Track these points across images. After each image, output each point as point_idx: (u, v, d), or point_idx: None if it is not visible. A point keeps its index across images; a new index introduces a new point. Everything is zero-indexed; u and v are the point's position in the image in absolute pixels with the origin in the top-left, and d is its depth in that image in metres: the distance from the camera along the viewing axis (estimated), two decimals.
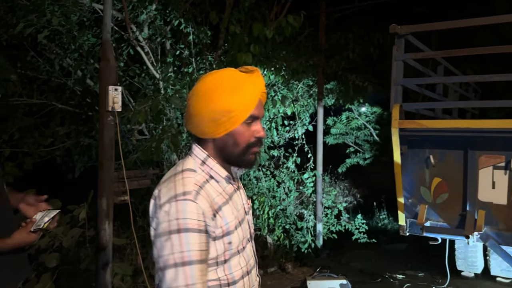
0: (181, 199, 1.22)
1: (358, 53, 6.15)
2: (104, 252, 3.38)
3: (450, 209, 3.45)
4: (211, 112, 1.28)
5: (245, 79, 1.33)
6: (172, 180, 1.29)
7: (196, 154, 1.36)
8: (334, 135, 8.82)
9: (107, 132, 3.37)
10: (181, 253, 1.19)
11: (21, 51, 4.83)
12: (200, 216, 1.23)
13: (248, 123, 1.33)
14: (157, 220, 1.24)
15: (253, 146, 1.35)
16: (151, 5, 4.88)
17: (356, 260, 6.04)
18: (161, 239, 1.21)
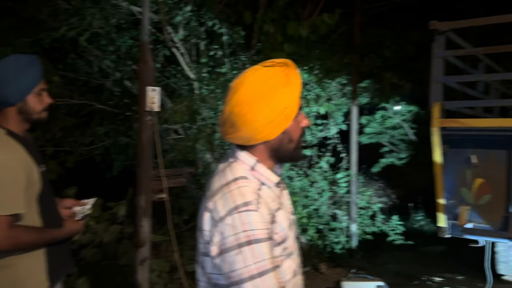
0: (243, 210, 1.18)
1: (394, 50, 6.02)
2: (142, 249, 3.47)
3: (493, 210, 3.32)
4: (268, 115, 1.22)
5: (289, 73, 1.26)
6: (227, 191, 1.23)
7: (244, 160, 1.29)
8: (368, 135, 8.66)
9: (146, 132, 3.45)
10: (255, 264, 1.16)
11: (62, 54, 5.02)
12: (265, 224, 1.20)
13: (296, 116, 1.29)
14: (221, 235, 1.19)
15: (301, 139, 1.32)
16: (186, 7, 4.96)
17: (392, 262, 5.92)
18: (230, 254, 1.18)
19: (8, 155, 1.78)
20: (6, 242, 1.73)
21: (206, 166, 5.21)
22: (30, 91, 1.86)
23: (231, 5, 5.42)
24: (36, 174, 1.87)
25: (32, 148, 1.96)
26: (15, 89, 1.82)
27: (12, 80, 1.81)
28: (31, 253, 1.86)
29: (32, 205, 1.88)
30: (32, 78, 1.86)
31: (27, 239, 1.79)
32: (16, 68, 1.82)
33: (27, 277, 1.85)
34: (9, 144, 1.83)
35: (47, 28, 4.29)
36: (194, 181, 5.11)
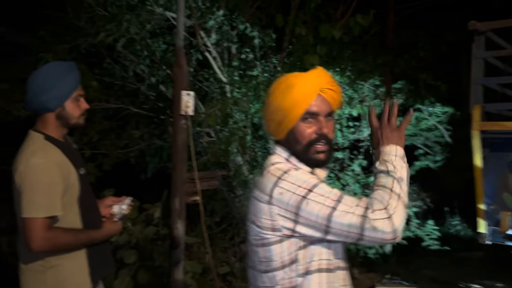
0: (285, 175, 1.31)
1: (429, 51, 5.88)
2: (177, 250, 3.52)
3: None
4: (271, 113, 1.40)
5: (297, 78, 1.38)
6: (266, 174, 1.36)
7: (279, 152, 1.42)
8: None
9: (180, 135, 3.50)
10: (328, 198, 1.26)
11: (99, 59, 5.16)
12: (312, 176, 1.33)
13: (306, 120, 1.36)
14: (280, 203, 1.28)
15: (314, 143, 1.36)
16: (219, 11, 5.02)
17: (427, 268, 5.77)
18: (303, 209, 1.26)
19: (45, 159, 1.83)
20: (45, 243, 1.79)
21: (238, 169, 5.24)
22: (68, 97, 1.91)
23: (262, 8, 5.45)
24: (74, 177, 1.93)
25: (70, 152, 2.02)
26: (54, 95, 1.88)
27: (51, 86, 1.86)
28: (73, 254, 1.92)
29: (72, 207, 1.94)
30: (70, 85, 1.91)
31: (65, 241, 1.85)
32: (55, 75, 1.88)
33: (70, 278, 1.91)
34: (47, 148, 1.88)
35: (85, 34, 4.42)
36: (226, 183, 5.15)
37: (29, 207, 1.78)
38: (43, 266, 1.88)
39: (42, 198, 1.79)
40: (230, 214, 5.18)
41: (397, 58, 6.10)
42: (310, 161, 1.40)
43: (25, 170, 1.80)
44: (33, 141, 1.90)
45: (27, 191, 1.79)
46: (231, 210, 5.19)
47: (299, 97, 1.34)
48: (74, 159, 2.02)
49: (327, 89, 1.38)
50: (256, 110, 5.01)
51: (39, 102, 1.88)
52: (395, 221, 1.23)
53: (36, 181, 1.79)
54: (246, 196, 5.27)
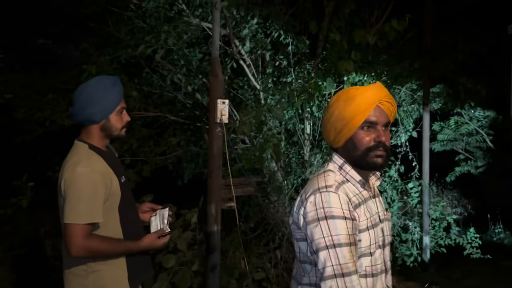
0: (324, 191, 1.43)
1: (468, 54, 5.72)
2: (213, 255, 3.60)
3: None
4: (333, 122, 1.52)
5: (357, 90, 1.52)
6: (315, 179, 1.51)
7: (335, 160, 1.57)
8: (441, 142, 8.26)
9: (216, 143, 3.59)
10: (330, 237, 1.38)
11: (138, 69, 5.35)
12: (344, 205, 1.42)
13: (365, 129, 1.49)
14: (305, 210, 1.45)
15: (373, 150, 1.48)
16: (253, 20, 5.09)
17: (469, 277, 5.58)
18: (310, 226, 1.42)
19: (88, 168, 1.93)
20: (82, 250, 1.89)
21: (272, 175, 5.28)
22: (113, 110, 2.04)
23: (296, 16, 5.48)
24: (116, 185, 2.03)
25: (113, 161, 2.12)
26: (100, 109, 2.00)
27: (98, 99, 1.99)
28: (114, 260, 2.01)
29: (113, 214, 2.04)
30: (115, 99, 2.04)
31: (101, 249, 1.94)
32: (101, 89, 2.00)
33: (110, 282, 2.01)
34: (90, 157, 1.99)
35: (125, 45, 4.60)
36: (261, 189, 5.20)
37: (71, 213, 1.89)
38: (85, 271, 1.99)
39: (84, 205, 1.90)
40: (265, 220, 5.21)
41: (435, 61, 5.96)
42: (369, 165, 1.51)
43: (70, 178, 1.91)
44: (77, 151, 2.02)
45: (71, 198, 1.90)
46: (265, 216, 5.23)
47: (360, 108, 1.47)
48: (116, 167, 2.12)
49: (385, 101, 1.52)
50: (290, 116, 5.04)
51: (86, 114, 2.00)
52: None
53: (80, 188, 1.90)
54: (281, 202, 5.30)
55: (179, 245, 3.52)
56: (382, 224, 1.56)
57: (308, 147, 5.51)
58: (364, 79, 5.21)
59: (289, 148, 5.59)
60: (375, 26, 5.65)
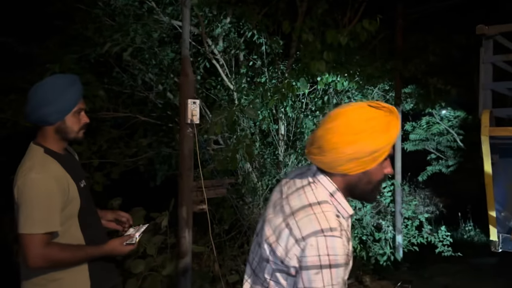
0: (329, 235, 1.26)
1: (438, 55, 5.81)
2: (184, 259, 3.52)
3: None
4: (357, 152, 1.28)
5: (391, 121, 1.32)
6: (311, 212, 1.31)
7: (325, 185, 1.37)
8: (413, 141, 8.40)
9: (187, 144, 3.51)
10: (331, 286, 1.26)
11: (107, 68, 5.21)
12: (346, 251, 1.30)
13: (384, 162, 1.35)
14: (303, 253, 1.28)
15: (381, 183, 1.42)
16: (226, 19, 5.03)
17: (440, 275, 5.67)
18: (309, 272, 1.27)
19: (43, 174, 1.81)
20: (41, 260, 1.78)
21: (246, 176, 5.22)
22: (69, 111, 1.91)
23: (269, 16, 5.44)
24: (74, 191, 1.91)
25: (70, 165, 1.99)
26: (54, 109, 1.87)
27: (52, 100, 1.85)
28: (76, 267, 1.91)
29: (73, 221, 1.93)
30: (71, 99, 1.91)
31: (61, 258, 1.83)
32: (57, 89, 1.88)
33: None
34: (46, 162, 1.86)
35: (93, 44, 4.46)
36: (235, 191, 5.14)
37: (26, 223, 1.77)
38: (45, 280, 1.88)
39: (40, 214, 1.78)
40: (239, 221, 5.16)
41: (406, 62, 6.03)
42: (370, 198, 1.42)
43: (22, 185, 1.79)
44: (32, 154, 1.89)
45: (25, 206, 1.78)
46: (240, 218, 5.17)
47: (391, 142, 1.31)
48: (75, 171, 2.00)
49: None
50: (264, 117, 5.00)
51: (40, 115, 1.87)
52: None
53: (33, 196, 1.78)
54: (255, 203, 5.25)
55: (149, 250, 3.42)
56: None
57: (282, 148, 5.49)
58: (337, 80, 5.21)
59: (264, 148, 5.55)
60: (348, 26, 5.68)
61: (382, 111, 1.31)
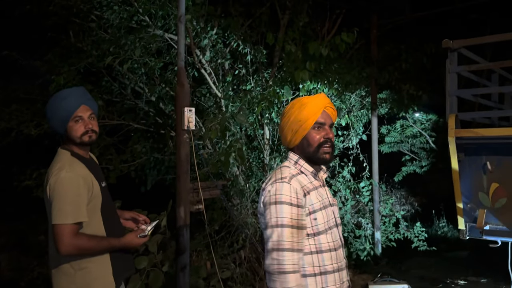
0: (279, 181, 1.77)
1: (411, 63, 6.26)
2: (183, 256, 3.78)
3: (509, 212, 3.53)
4: (290, 125, 1.86)
5: (308, 98, 1.89)
6: (274, 173, 1.84)
7: (290, 157, 1.91)
8: (389, 144, 8.87)
9: (183, 149, 3.78)
10: (276, 218, 1.71)
11: (98, 77, 5.41)
12: (293, 194, 1.74)
13: (316, 128, 1.84)
14: (263, 198, 1.78)
15: (323, 145, 1.84)
16: (212, 30, 5.33)
17: (416, 268, 6.08)
18: (265, 208, 1.76)
19: (72, 173, 2.11)
20: (72, 248, 2.06)
21: (234, 179, 5.51)
22: (66, 121, 2.20)
23: (253, 27, 5.78)
24: (97, 189, 2.20)
25: (93, 167, 2.30)
26: (56, 122, 2.22)
27: (52, 115, 2.23)
28: (99, 257, 2.17)
29: (96, 215, 2.21)
30: (65, 111, 2.20)
31: (89, 246, 2.10)
32: (53, 105, 2.23)
33: (98, 278, 2.18)
34: (73, 163, 2.16)
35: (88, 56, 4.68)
36: (224, 193, 5.41)
37: (58, 215, 2.04)
38: (73, 269, 2.14)
39: (70, 207, 2.06)
40: (229, 222, 5.43)
41: (381, 70, 6.46)
42: (319, 159, 1.86)
43: (55, 183, 2.07)
44: (60, 157, 2.20)
45: (57, 201, 2.06)
46: (229, 219, 5.44)
47: (312, 111, 1.84)
48: (97, 173, 2.30)
49: (329, 107, 1.88)
50: (251, 122, 5.31)
51: (52, 127, 2.25)
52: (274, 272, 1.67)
53: (64, 192, 2.06)
54: (243, 204, 5.54)
55: (150, 247, 3.67)
56: (332, 207, 1.89)
57: (268, 151, 5.79)
58: (318, 87, 5.58)
59: (250, 152, 5.85)
60: (326, 37, 6.07)
61: (306, 96, 1.90)
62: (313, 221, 1.77)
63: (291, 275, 1.65)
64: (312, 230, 1.77)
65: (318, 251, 1.78)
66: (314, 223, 1.77)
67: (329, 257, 1.78)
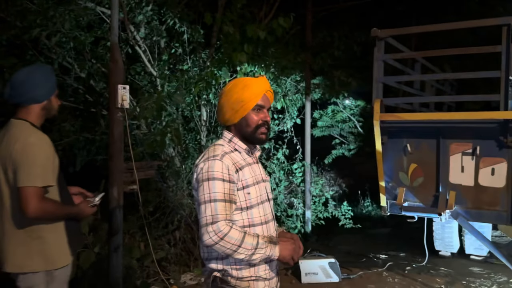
0: (211, 159, 1.83)
1: (342, 50, 6.53)
2: (116, 237, 3.72)
3: (425, 191, 3.88)
4: (231, 103, 1.89)
5: (251, 80, 1.94)
6: (207, 151, 1.91)
7: (225, 135, 1.96)
8: (321, 128, 9.22)
9: (117, 127, 3.69)
10: (208, 194, 1.77)
11: (22, 51, 5.05)
12: (225, 170, 1.81)
13: (256, 110, 1.90)
14: (196, 175, 1.84)
15: (260, 127, 1.91)
16: (148, 6, 5.17)
17: (343, 244, 6.47)
18: (198, 185, 1.82)
19: (42, 139, 2.18)
20: (39, 211, 2.09)
21: (170, 160, 5.47)
22: (53, 93, 2.32)
23: (191, 6, 5.68)
24: (57, 158, 2.26)
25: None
26: (44, 90, 2.26)
27: (43, 82, 2.26)
28: (55, 226, 2.22)
29: (55, 183, 2.24)
30: (54, 83, 2.34)
31: (53, 210, 2.16)
32: (45, 74, 2.30)
33: (53, 246, 2.22)
34: (38, 132, 2.22)
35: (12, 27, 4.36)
36: (159, 174, 5.36)
37: (27, 177, 2.07)
38: (30, 237, 2.17)
39: (40, 170, 2.10)
40: (163, 203, 5.40)
41: (315, 56, 6.67)
42: (256, 140, 1.93)
43: (23, 147, 2.10)
44: (21, 127, 2.19)
45: (26, 164, 2.08)
46: (164, 200, 5.41)
47: (254, 93, 1.89)
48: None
49: (268, 91, 1.95)
50: (188, 103, 5.27)
51: (31, 96, 2.22)
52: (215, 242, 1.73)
53: (35, 155, 2.10)
54: (179, 186, 5.52)
55: (82, 228, 3.57)
56: (264, 183, 1.98)
57: (204, 133, 5.79)
58: (255, 70, 5.65)
59: (186, 134, 5.82)
60: (263, 20, 6.13)
61: (249, 77, 1.96)
62: (247, 195, 1.85)
63: (231, 231, 1.73)
64: (245, 203, 1.85)
65: (250, 224, 1.86)
66: (247, 197, 1.85)
67: (260, 230, 1.87)
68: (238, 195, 1.84)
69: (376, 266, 5.29)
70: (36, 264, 2.16)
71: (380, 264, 5.40)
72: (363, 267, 5.23)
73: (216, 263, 1.86)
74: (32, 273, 2.16)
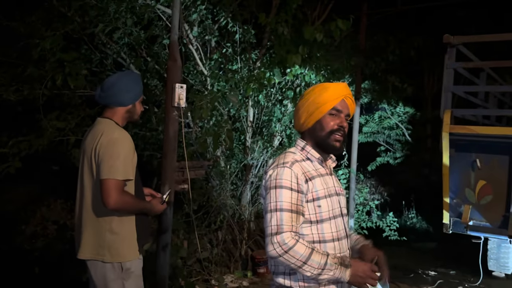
0: (280, 166, 1.76)
1: (398, 55, 6.29)
2: (165, 235, 3.69)
3: (494, 210, 3.64)
4: (307, 106, 1.82)
5: (329, 84, 1.87)
6: (277, 158, 1.84)
7: (298, 143, 1.87)
8: (366, 134, 8.98)
9: (172, 126, 3.65)
10: (275, 203, 1.70)
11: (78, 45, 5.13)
12: (293, 179, 1.73)
13: (332, 115, 1.80)
14: (264, 182, 1.79)
15: (335, 132, 1.80)
16: (203, 5, 5.14)
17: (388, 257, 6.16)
18: (265, 193, 1.76)
19: (125, 135, 2.31)
20: (119, 203, 2.19)
21: (215, 160, 5.42)
22: (138, 98, 2.47)
23: (245, 6, 5.61)
24: (135, 156, 2.36)
25: None
26: (131, 95, 2.40)
27: (130, 87, 2.40)
28: (127, 220, 2.32)
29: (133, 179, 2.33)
30: (141, 89, 2.49)
31: (131, 204, 2.28)
32: (133, 80, 2.46)
33: (124, 240, 2.33)
34: (121, 129, 2.36)
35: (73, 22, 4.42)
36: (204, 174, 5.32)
37: (110, 170, 2.19)
38: (104, 228, 2.28)
39: (121, 164, 2.22)
40: (207, 203, 5.36)
41: (368, 60, 6.46)
42: (329, 146, 1.82)
43: (107, 142, 2.23)
44: (107, 123, 2.34)
45: (109, 157, 2.20)
46: (208, 199, 5.37)
47: (332, 96, 1.80)
48: None
49: (349, 97, 1.85)
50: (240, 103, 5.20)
51: (119, 98, 2.36)
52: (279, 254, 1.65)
53: (118, 150, 2.23)
54: (223, 186, 5.47)
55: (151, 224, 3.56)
56: (338, 197, 1.86)
57: (250, 134, 5.72)
58: (305, 72, 5.51)
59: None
60: (316, 22, 5.99)
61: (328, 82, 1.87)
62: (317, 208, 1.75)
63: (296, 245, 1.64)
64: (315, 217, 1.75)
65: (320, 240, 1.74)
66: (318, 210, 1.75)
67: (332, 247, 1.75)
68: (308, 208, 1.74)
69: (425, 283, 5.05)
70: (105, 255, 2.28)
71: (430, 281, 5.15)
72: (411, 283, 5.01)
73: (284, 278, 1.76)
74: (102, 263, 2.28)
